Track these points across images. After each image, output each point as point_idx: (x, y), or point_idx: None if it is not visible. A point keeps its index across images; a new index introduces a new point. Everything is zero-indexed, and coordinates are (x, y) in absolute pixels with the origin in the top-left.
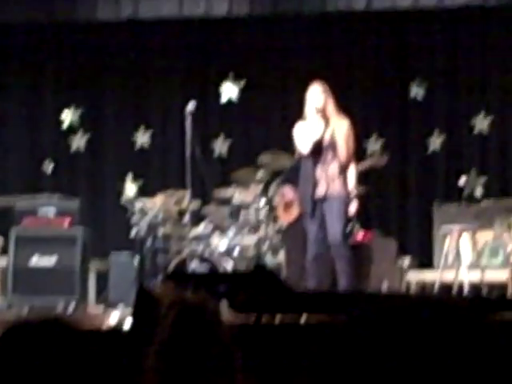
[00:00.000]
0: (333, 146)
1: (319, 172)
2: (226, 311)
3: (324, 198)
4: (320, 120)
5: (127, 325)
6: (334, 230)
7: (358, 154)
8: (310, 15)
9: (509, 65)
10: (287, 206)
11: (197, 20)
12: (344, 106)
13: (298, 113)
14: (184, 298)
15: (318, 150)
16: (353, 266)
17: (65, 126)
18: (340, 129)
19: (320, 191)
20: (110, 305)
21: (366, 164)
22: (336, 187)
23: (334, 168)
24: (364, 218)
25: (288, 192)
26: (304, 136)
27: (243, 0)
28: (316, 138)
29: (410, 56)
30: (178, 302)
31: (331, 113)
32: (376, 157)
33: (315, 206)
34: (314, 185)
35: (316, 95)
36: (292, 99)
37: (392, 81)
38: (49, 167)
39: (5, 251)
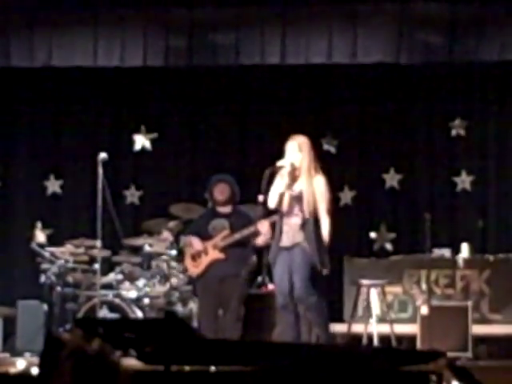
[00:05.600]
0: (299, 200)
1: (284, 223)
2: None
3: (288, 248)
4: (287, 176)
5: (34, 371)
6: (297, 280)
7: None
8: (224, 68)
9: (418, 121)
10: (195, 256)
11: (111, 70)
12: (254, 158)
13: (208, 164)
14: (83, 347)
15: (285, 203)
16: (323, 315)
17: None
18: (310, 185)
19: (284, 241)
20: (17, 352)
21: (273, 220)
22: (299, 239)
23: (297, 220)
24: None
25: (195, 243)
26: (274, 188)
27: (158, 52)
28: (280, 192)
29: (322, 111)
30: (78, 351)
31: (304, 169)
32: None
33: (279, 255)
34: (279, 235)
35: (291, 151)
36: (203, 151)
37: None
38: None
39: None
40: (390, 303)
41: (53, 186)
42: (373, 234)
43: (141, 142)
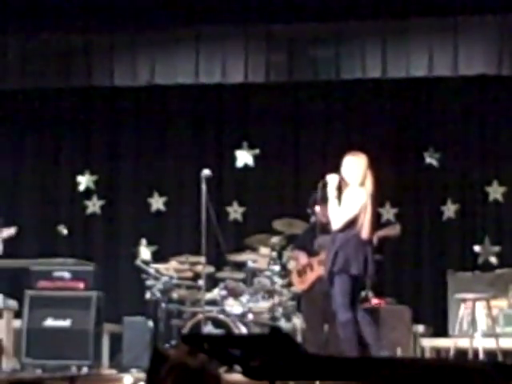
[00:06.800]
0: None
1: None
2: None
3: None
4: (335, 189)
5: None
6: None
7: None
8: (325, 83)
9: None
10: (301, 272)
11: (212, 87)
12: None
13: (310, 180)
14: (186, 361)
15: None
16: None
17: (80, 190)
18: (347, 198)
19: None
20: (124, 368)
21: (380, 234)
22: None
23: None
24: (378, 285)
25: (302, 258)
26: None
27: (259, 68)
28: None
29: (424, 124)
30: (180, 365)
31: (350, 184)
32: (390, 227)
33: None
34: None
35: (344, 165)
36: (306, 166)
37: (406, 148)
38: (64, 231)
39: (18, 314)
40: (496, 317)
41: (157, 203)
42: (477, 248)
43: (243, 158)
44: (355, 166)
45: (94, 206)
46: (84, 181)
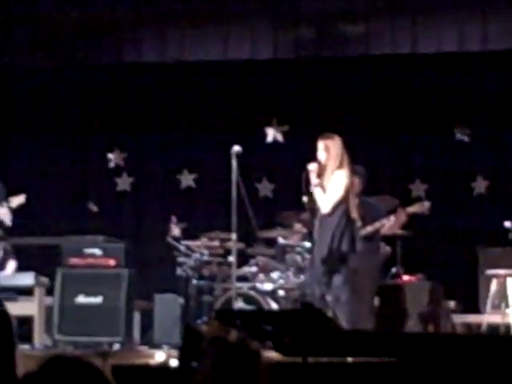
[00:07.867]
0: None
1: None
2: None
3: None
4: (315, 175)
5: (173, 363)
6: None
7: (402, 198)
8: (355, 59)
9: None
10: None
11: (241, 63)
12: (387, 150)
13: None
14: (226, 336)
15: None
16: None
17: (110, 167)
18: (329, 181)
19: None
20: (154, 345)
21: (409, 210)
22: (316, 236)
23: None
24: (409, 261)
25: None
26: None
27: (288, 44)
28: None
29: (454, 100)
30: (219, 339)
31: (327, 167)
32: (418, 203)
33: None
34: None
35: (319, 150)
36: None
37: (436, 124)
38: (94, 208)
39: (50, 292)
40: None
41: (187, 179)
42: (508, 224)
43: (272, 134)
44: (329, 148)
45: (124, 183)
46: (114, 158)
